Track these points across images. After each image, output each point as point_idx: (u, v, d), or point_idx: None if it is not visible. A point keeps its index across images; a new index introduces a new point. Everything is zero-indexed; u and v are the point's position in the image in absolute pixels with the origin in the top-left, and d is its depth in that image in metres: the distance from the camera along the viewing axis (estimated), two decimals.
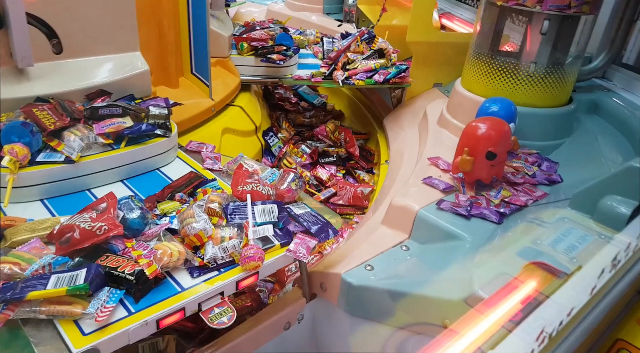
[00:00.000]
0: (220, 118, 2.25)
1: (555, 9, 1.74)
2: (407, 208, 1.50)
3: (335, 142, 2.74)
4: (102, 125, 1.47)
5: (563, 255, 1.25)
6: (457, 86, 2.07)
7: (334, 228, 1.36)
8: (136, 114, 1.57)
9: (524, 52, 1.85)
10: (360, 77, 2.44)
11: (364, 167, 2.65)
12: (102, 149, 1.48)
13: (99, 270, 1.03)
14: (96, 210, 1.18)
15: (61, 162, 1.38)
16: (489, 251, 1.31)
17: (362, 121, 3.01)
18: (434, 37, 2.42)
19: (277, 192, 1.42)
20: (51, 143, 1.40)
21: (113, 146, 1.49)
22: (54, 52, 1.60)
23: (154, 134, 1.56)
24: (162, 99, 1.67)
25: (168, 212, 1.34)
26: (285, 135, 2.72)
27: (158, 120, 1.58)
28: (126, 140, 1.52)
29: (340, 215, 2.21)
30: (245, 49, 2.45)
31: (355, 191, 2.32)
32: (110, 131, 1.47)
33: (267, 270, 1.25)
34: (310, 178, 2.46)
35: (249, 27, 2.67)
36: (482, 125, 1.52)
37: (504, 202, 1.50)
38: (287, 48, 2.45)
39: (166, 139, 1.59)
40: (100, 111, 1.50)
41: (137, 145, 1.53)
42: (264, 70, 2.45)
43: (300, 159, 2.57)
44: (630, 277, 1.08)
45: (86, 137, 1.43)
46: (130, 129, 1.51)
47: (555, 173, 1.69)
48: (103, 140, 1.46)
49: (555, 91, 1.87)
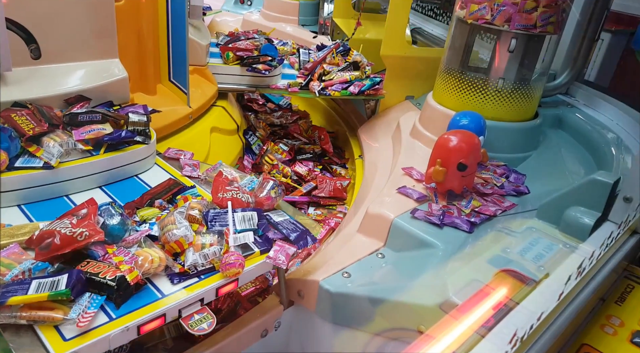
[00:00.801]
0: (206, 118, 2.32)
1: (522, 28, 1.83)
2: (383, 216, 1.54)
3: (309, 139, 2.87)
4: (82, 131, 1.46)
5: (531, 263, 1.31)
6: (429, 99, 2.15)
7: (312, 235, 1.38)
8: (115, 120, 1.57)
9: (492, 68, 1.93)
10: (335, 88, 2.49)
11: (337, 162, 2.79)
12: (81, 155, 1.46)
13: (80, 276, 1.02)
14: (77, 216, 1.17)
15: (40, 168, 1.36)
16: (461, 259, 1.36)
17: (340, 135, 3.06)
18: (406, 52, 2.51)
19: (257, 199, 1.43)
20: (30, 148, 1.38)
21: (92, 152, 1.48)
22: (32, 58, 1.57)
23: (133, 141, 1.56)
24: (141, 106, 1.67)
25: (147, 218, 1.34)
26: (262, 134, 2.82)
27: (137, 127, 1.58)
28: (105, 147, 1.51)
29: (323, 206, 2.36)
30: (231, 58, 2.49)
31: (335, 184, 2.43)
32: (90, 137, 1.46)
33: (247, 276, 1.26)
34: (292, 174, 2.55)
35: (234, 37, 2.70)
36: (453, 138, 1.58)
37: (475, 212, 1.56)
38: (272, 58, 2.50)
39: (145, 145, 1.58)
40: (79, 117, 1.49)
41: (116, 152, 1.52)
42: (249, 80, 2.51)
43: (281, 156, 2.66)
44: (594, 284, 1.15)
45: (65, 142, 1.42)
46: (110, 135, 1.50)
47: (522, 184, 1.76)
48: (82, 146, 1.45)
49: (522, 106, 1.96)
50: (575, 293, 1.09)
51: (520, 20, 1.81)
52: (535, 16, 1.80)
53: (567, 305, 1.05)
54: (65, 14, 1.61)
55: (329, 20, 3.72)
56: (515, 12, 1.80)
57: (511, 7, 1.80)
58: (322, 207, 2.37)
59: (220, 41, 2.66)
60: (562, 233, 1.46)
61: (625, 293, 1.39)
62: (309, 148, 2.79)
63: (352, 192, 2.39)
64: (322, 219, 2.24)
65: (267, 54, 2.51)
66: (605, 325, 1.25)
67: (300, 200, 2.38)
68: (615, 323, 1.26)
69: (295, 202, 2.38)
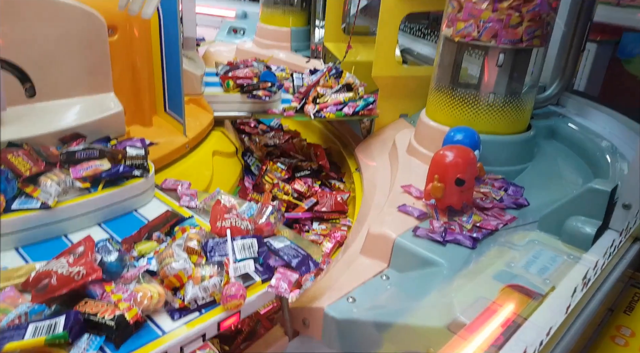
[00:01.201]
0: (207, 142, 2.37)
1: (508, 43, 1.86)
2: (385, 236, 1.52)
3: (305, 156, 2.95)
4: (79, 168, 1.45)
5: (536, 276, 1.29)
6: (423, 116, 2.16)
7: (314, 260, 1.37)
8: (113, 156, 1.56)
9: (482, 83, 1.95)
10: (330, 110, 2.51)
11: (334, 177, 2.86)
12: (79, 192, 1.45)
13: (78, 317, 1.00)
14: (73, 255, 1.15)
15: (37, 209, 1.34)
16: (466, 276, 1.35)
17: (338, 159, 3.08)
18: (397, 72, 2.55)
19: (256, 226, 1.42)
20: (26, 189, 1.36)
21: (90, 189, 1.47)
22: (27, 96, 1.58)
23: (132, 175, 1.55)
24: (138, 139, 1.67)
25: (145, 252, 1.32)
26: (259, 154, 2.88)
27: (135, 161, 1.57)
28: (103, 183, 1.50)
29: (327, 221, 2.39)
30: (232, 86, 2.55)
31: (335, 198, 2.48)
32: (88, 174, 1.45)
33: (249, 308, 1.23)
34: (292, 192, 2.60)
35: (233, 66, 2.76)
36: (449, 154, 1.58)
37: (476, 227, 1.55)
38: (272, 84, 2.56)
39: (143, 179, 1.57)
40: (77, 155, 1.48)
41: (114, 188, 1.51)
42: (250, 106, 2.57)
43: (280, 174, 2.71)
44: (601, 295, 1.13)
45: (63, 181, 1.41)
46: (108, 171, 1.49)
47: (521, 197, 1.76)
48: (80, 184, 1.43)
49: (515, 119, 1.97)
50: (583, 305, 1.07)
51: (506, 35, 1.84)
52: (521, 31, 1.83)
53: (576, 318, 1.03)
54: (59, 52, 1.63)
55: (320, 45, 3.78)
56: (501, 28, 1.83)
57: (497, 23, 1.83)
58: (325, 221, 2.41)
59: (220, 71, 2.73)
60: (564, 244, 1.45)
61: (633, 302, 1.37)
62: (306, 165, 2.86)
63: (354, 204, 2.43)
64: (327, 233, 2.26)
65: (266, 81, 2.56)
66: (615, 336, 1.23)
67: (303, 217, 2.42)
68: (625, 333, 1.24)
69: (299, 218, 2.41)
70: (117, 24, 1.98)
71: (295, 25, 4.09)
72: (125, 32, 1.97)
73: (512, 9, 1.80)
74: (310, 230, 2.34)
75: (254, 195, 2.53)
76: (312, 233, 2.30)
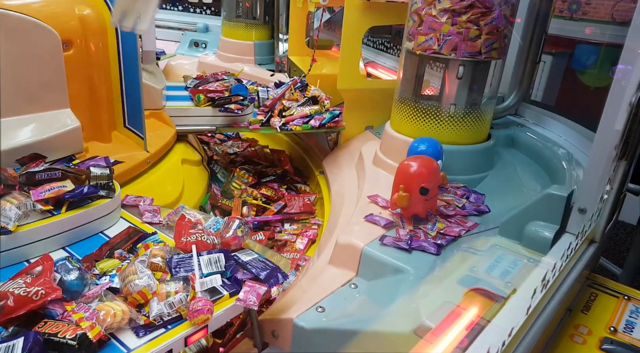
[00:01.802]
0: (175, 151, 2.38)
1: (468, 55, 1.92)
2: (352, 246, 1.54)
3: (270, 162, 2.99)
4: (41, 190, 1.38)
5: (498, 280, 1.33)
6: (387, 128, 2.20)
7: (283, 272, 1.36)
8: (76, 176, 1.49)
9: (443, 95, 2.01)
10: (297, 123, 2.52)
11: (299, 181, 2.92)
12: (41, 216, 1.38)
13: (37, 338, 0.96)
14: (31, 275, 1.11)
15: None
16: (431, 281, 1.37)
17: (301, 164, 3.11)
18: (362, 85, 2.59)
19: (223, 240, 1.41)
20: None
21: (53, 212, 1.41)
22: None
23: (97, 196, 1.49)
24: (102, 158, 1.61)
25: (108, 270, 1.29)
26: (222, 162, 2.90)
27: (100, 181, 1.51)
28: (67, 205, 1.43)
29: (297, 221, 2.44)
30: (202, 100, 2.52)
31: (303, 200, 2.53)
32: (50, 196, 1.38)
33: (217, 322, 1.22)
34: (260, 196, 2.64)
35: (203, 80, 2.74)
36: (413, 164, 1.62)
37: (440, 234, 1.58)
38: (244, 98, 2.55)
39: (109, 199, 1.52)
40: (37, 176, 1.41)
41: (79, 209, 1.44)
42: (222, 120, 2.55)
43: (247, 180, 2.75)
44: (560, 295, 1.18)
45: (23, 204, 1.34)
46: (72, 192, 1.42)
47: (482, 204, 1.81)
48: (42, 206, 1.36)
49: (475, 129, 2.03)
50: (543, 306, 1.11)
51: (465, 48, 1.90)
52: (480, 43, 1.90)
53: (536, 319, 1.07)
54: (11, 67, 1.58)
55: (284, 59, 3.80)
56: (460, 41, 1.89)
57: (456, 36, 1.89)
58: (296, 222, 2.46)
59: (189, 84, 2.71)
60: (524, 248, 1.49)
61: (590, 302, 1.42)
62: (271, 171, 2.90)
63: (321, 204, 2.50)
64: (299, 232, 2.32)
65: (238, 94, 2.56)
66: (574, 334, 1.28)
67: (274, 219, 2.46)
68: (583, 332, 1.29)
69: (270, 221, 2.46)
70: (72, 38, 1.93)
71: (259, 38, 4.10)
72: (81, 46, 1.93)
73: (470, 22, 1.87)
74: (283, 231, 2.40)
75: (224, 201, 2.54)
76: (285, 234, 2.35)
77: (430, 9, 1.92)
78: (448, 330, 1.09)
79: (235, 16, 4.09)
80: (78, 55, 1.98)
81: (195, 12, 5.19)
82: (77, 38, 1.96)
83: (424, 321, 1.19)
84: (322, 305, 1.39)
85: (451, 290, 1.30)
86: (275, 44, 4.13)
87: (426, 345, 1.09)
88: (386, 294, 1.39)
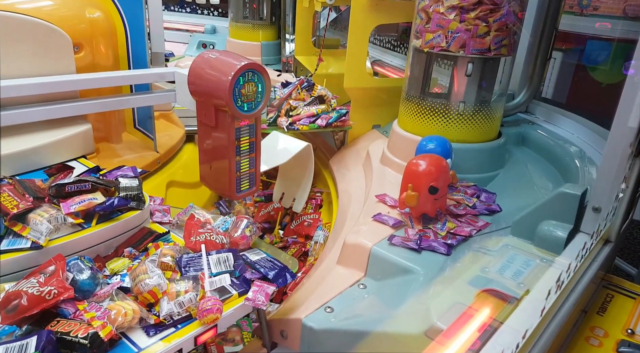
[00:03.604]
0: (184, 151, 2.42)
1: (477, 52, 1.90)
2: (361, 246, 1.53)
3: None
4: (71, 203, 1.34)
5: (511, 280, 1.31)
6: (395, 127, 2.18)
7: (291, 272, 1.36)
8: (106, 188, 1.44)
9: (452, 93, 1.99)
10: (303, 122, 2.51)
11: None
12: (71, 229, 1.33)
13: (50, 336, 0.97)
14: (44, 274, 1.11)
15: (27, 249, 1.23)
16: (442, 282, 1.36)
17: None
18: (368, 83, 2.57)
19: (231, 239, 1.41)
20: (15, 228, 1.24)
21: (83, 225, 1.36)
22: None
23: (127, 208, 1.44)
24: (129, 168, 1.56)
25: (118, 270, 1.30)
26: None
27: (129, 192, 1.46)
28: (97, 217, 1.39)
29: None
30: None
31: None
32: (81, 209, 1.33)
33: (226, 321, 1.22)
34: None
35: None
36: (422, 162, 1.60)
37: (450, 234, 1.57)
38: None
39: (139, 211, 1.47)
40: (67, 188, 1.36)
41: (109, 222, 1.39)
42: None
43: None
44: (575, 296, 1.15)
45: (54, 218, 1.28)
46: (102, 205, 1.37)
47: (494, 203, 1.79)
48: (72, 220, 1.31)
49: (485, 127, 2.01)
50: (557, 308, 1.09)
51: (474, 45, 1.88)
52: (489, 40, 1.88)
53: (551, 320, 1.05)
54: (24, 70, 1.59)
55: (291, 58, 3.79)
56: (469, 38, 1.87)
57: (465, 34, 1.87)
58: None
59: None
60: (537, 248, 1.47)
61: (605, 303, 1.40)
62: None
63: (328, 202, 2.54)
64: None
65: None
66: (590, 337, 1.25)
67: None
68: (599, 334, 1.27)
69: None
70: (82, 41, 1.95)
71: (266, 39, 4.11)
72: (92, 48, 1.94)
73: (479, 19, 1.85)
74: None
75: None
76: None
77: (438, 6, 1.90)
78: (460, 332, 1.07)
79: (243, 17, 4.09)
80: (88, 58, 1.99)
81: (203, 14, 5.21)
82: (87, 41, 1.98)
83: (435, 323, 1.17)
84: (330, 306, 1.38)
85: (462, 291, 1.28)
86: (282, 44, 4.13)
87: (438, 347, 1.07)
88: (395, 295, 1.38)
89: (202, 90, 1.33)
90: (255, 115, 1.36)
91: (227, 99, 1.25)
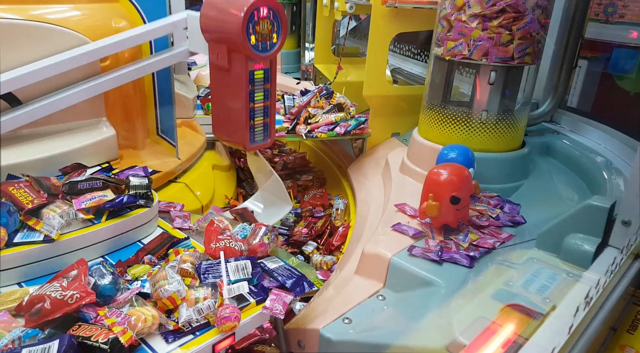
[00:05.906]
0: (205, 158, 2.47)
1: (500, 60, 1.87)
2: (380, 256, 1.50)
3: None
4: (82, 199, 1.41)
5: (536, 295, 1.27)
6: (415, 135, 2.16)
7: (309, 281, 1.35)
8: (117, 186, 1.52)
9: (474, 101, 1.96)
10: (322, 130, 2.51)
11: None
12: (82, 224, 1.41)
13: (72, 341, 0.98)
14: (66, 278, 1.13)
15: (40, 242, 1.30)
16: (464, 296, 1.32)
17: (326, 171, 3.08)
18: (388, 91, 2.56)
19: (250, 247, 1.40)
20: (29, 222, 1.32)
21: (93, 221, 1.43)
22: None
23: (136, 205, 1.51)
24: (141, 168, 1.63)
25: (139, 275, 1.30)
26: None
27: (139, 190, 1.53)
28: (107, 214, 1.45)
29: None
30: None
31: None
32: (91, 206, 1.40)
33: (243, 330, 1.21)
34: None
35: None
36: (443, 172, 1.57)
37: (473, 245, 1.53)
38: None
39: (148, 209, 1.53)
40: (79, 185, 1.44)
41: (118, 218, 1.47)
42: None
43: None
44: (604, 314, 1.11)
45: (66, 213, 1.36)
46: (112, 202, 1.45)
47: (518, 214, 1.75)
48: (83, 215, 1.39)
49: (508, 136, 1.97)
50: (585, 325, 1.05)
51: (497, 53, 1.86)
52: (512, 48, 1.85)
53: (579, 338, 1.01)
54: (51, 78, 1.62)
55: (310, 67, 3.81)
56: (491, 46, 1.85)
57: (487, 42, 1.85)
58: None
59: (202, 93, 2.76)
60: (563, 262, 1.43)
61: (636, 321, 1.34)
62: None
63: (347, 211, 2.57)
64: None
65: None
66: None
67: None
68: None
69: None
70: None
71: (286, 48, 4.11)
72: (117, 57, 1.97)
73: (502, 27, 1.82)
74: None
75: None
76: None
77: (460, 15, 1.88)
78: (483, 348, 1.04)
79: None
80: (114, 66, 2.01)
81: None
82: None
83: (457, 337, 1.14)
84: (348, 317, 1.36)
85: (485, 305, 1.25)
86: (301, 53, 4.15)
87: None
88: (416, 307, 1.35)
89: (214, 26, 1.23)
90: (270, 58, 1.29)
91: (241, 36, 1.17)
